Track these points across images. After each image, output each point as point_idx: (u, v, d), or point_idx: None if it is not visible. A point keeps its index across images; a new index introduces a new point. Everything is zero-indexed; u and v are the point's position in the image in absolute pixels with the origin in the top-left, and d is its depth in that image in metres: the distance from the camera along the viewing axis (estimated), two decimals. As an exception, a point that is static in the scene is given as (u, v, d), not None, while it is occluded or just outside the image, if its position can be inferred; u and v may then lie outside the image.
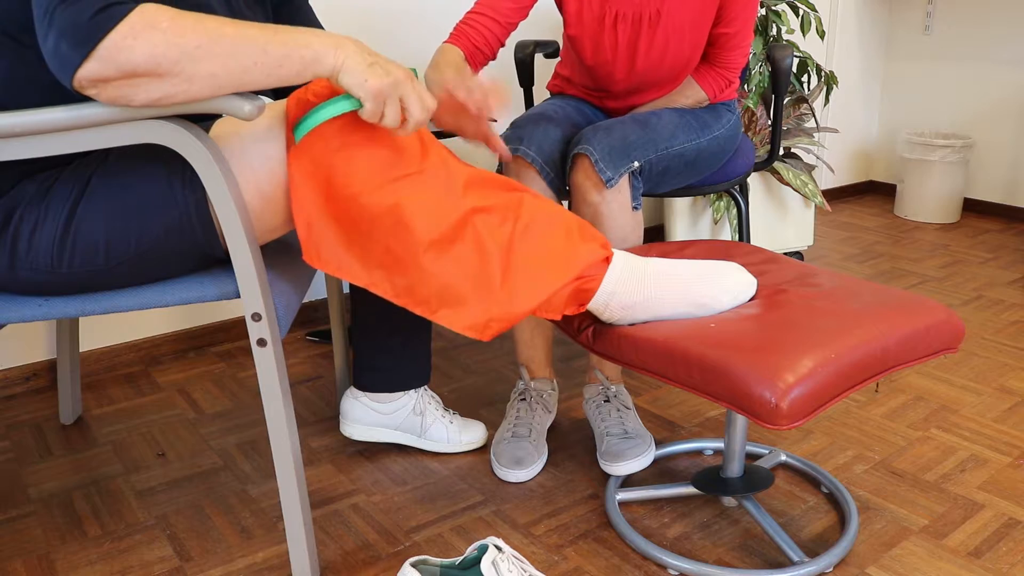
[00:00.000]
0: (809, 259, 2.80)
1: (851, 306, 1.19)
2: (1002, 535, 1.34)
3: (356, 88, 0.98)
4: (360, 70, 0.98)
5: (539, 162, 1.46)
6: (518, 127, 1.51)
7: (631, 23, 1.53)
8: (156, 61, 0.90)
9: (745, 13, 1.53)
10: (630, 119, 1.49)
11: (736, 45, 1.57)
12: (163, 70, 0.91)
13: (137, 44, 0.89)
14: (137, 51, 0.89)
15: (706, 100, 1.63)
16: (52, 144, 1.00)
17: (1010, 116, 3.23)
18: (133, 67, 0.90)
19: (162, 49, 0.90)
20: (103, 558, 1.30)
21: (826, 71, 2.67)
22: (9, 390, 1.86)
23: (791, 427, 1.02)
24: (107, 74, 0.90)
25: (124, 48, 0.89)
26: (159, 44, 0.90)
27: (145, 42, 0.89)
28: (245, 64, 0.94)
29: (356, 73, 0.98)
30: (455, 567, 1.10)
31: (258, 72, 0.95)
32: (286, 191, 1.08)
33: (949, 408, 1.77)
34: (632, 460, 1.46)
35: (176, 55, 0.91)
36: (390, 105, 1.00)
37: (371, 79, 0.98)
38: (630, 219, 1.43)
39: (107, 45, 0.88)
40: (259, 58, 0.94)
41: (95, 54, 0.88)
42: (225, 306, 2.14)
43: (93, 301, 1.11)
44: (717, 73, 1.61)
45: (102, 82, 0.91)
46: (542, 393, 1.60)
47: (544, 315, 1.19)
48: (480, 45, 1.52)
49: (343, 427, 1.57)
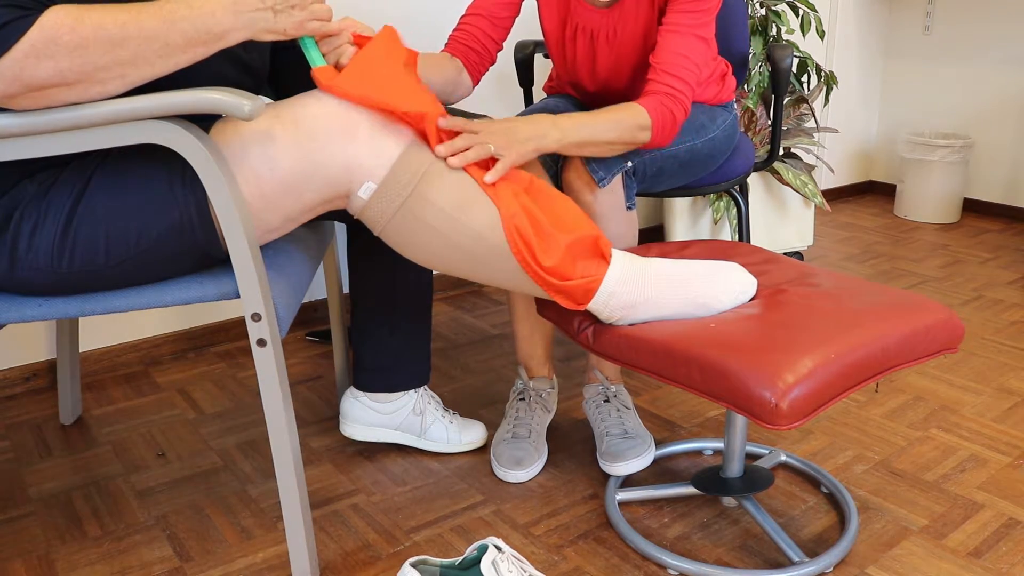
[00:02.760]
0: (809, 259, 2.80)
1: (851, 306, 1.19)
2: (1002, 535, 1.34)
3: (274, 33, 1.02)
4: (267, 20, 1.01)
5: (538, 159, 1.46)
6: None
7: (589, 37, 1.54)
8: (62, 75, 0.91)
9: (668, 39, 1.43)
10: None
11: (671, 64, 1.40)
12: (71, 80, 0.92)
13: (40, 62, 0.89)
14: (40, 68, 0.89)
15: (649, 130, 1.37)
16: (52, 144, 1.00)
17: (1010, 116, 3.23)
18: (39, 83, 0.91)
19: (66, 63, 0.90)
20: (103, 558, 1.30)
21: (826, 71, 2.67)
22: (9, 390, 1.86)
23: (791, 427, 1.02)
24: (12, 91, 0.90)
25: (27, 67, 0.89)
26: (63, 59, 0.90)
27: (47, 59, 0.89)
28: (151, 58, 0.95)
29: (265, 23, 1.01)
30: (455, 567, 1.10)
31: (165, 62, 0.96)
32: (286, 191, 1.08)
33: (949, 408, 1.77)
34: (632, 460, 1.46)
35: (80, 65, 0.91)
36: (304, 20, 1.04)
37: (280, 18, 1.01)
38: (624, 219, 1.43)
39: (8, 64, 0.88)
40: (162, 49, 0.95)
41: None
42: (225, 306, 2.14)
43: (93, 301, 1.11)
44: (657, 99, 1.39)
45: (9, 98, 0.91)
46: (541, 392, 1.60)
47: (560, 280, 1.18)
48: (475, 47, 1.52)
49: (343, 427, 1.57)
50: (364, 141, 1.09)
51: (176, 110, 0.98)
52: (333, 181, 1.09)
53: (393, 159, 1.10)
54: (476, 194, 1.14)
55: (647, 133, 1.36)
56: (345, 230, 2.21)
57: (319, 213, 1.15)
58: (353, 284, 1.51)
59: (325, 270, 1.73)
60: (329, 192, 1.10)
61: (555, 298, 1.21)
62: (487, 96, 2.46)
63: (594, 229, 1.20)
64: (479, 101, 2.45)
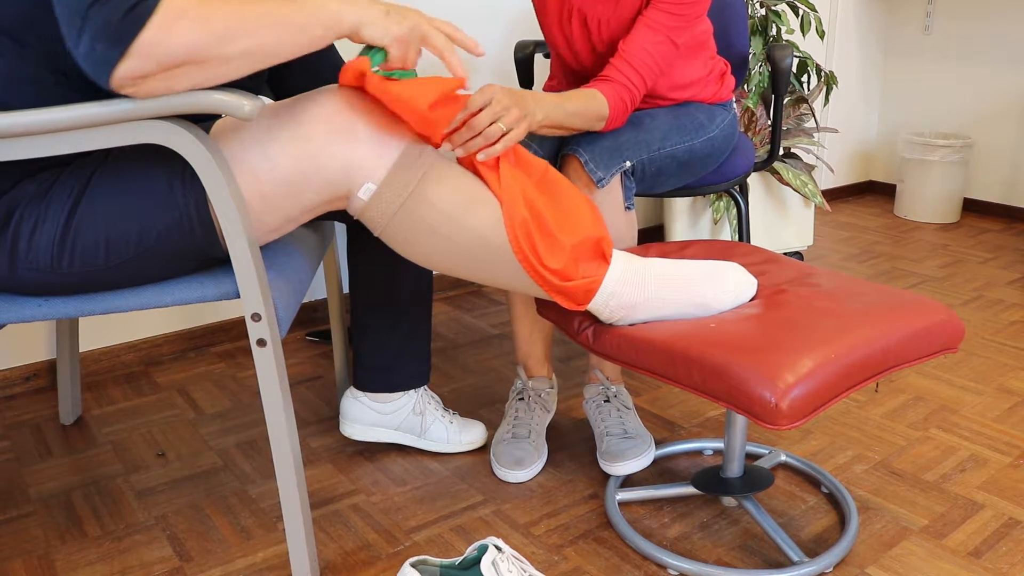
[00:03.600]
0: (809, 259, 2.80)
1: (851, 306, 1.19)
2: (1002, 535, 1.34)
3: (381, 38, 1.03)
4: (380, 22, 1.03)
5: (541, 153, 1.47)
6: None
7: (583, 22, 1.55)
8: (192, 50, 0.92)
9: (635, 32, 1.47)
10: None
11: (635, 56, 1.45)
12: (200, 57, 0.93)
13: (172, 36, 0.91)
14: (173, 43, 0.91)
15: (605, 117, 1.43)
16: (52, 144, 1.00)
17: (1010, 116, 3.23)
18: (171, 59, 0.92)
19: (195, 37, 0.92)
20: (103, 558, 1.30)
21: (826, 71, 2.67)
22: (9, 390, 1.86)
23: (791, 427, 1.02)
24: (147, 70, 0.91)
25: (160, 42, 0.90)
26: (191, 32, 0.91)
27: (178, 33, 0.91)
28: (274, 37, 0.97)
29: (377, 25, 1.03)
30: (455, 567, 1.10)
31: (286, 43, 0.98)
32: (286, 191, 1.08)
33: (949, 408, 1.77)
34: (632, 460, 1.46)
35: (209, 40, 0.93)
36: (412, 48, 1.06)
37: (392, 27, 1.04)
38: (623, 219, 1.43)
39: (143, 41, 0.90)
40: (284, 28, 0.97)
41: (131, 51, 0.89)
42: (225, 306, 2.14)
43: (93, 301, 1.11)
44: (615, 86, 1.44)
45: (141, 78, 0.92)
46: (540, 392, 1.60)
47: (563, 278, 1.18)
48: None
49: (343, 427, 1.57)
50: (364, 142, 1.09)
51: (176, 110, 0.98)
52: (333, 182, 1.09)
53: (393, 160, 1.10)
54: (477, 195, 1.14)
55: (603, 123, 1.44)
56: (345, 230, 2.21)
57: (319, 213, 1.15)
58: (353, 284, 1.51)
59: (325, 270, 1.73)
60: (329, 193, 1.10)
61: (555, 299, 1.21)
62: (487, 96, 2.46)
63: (598, 229, 1.20)
64: (479, 101, 2.45)
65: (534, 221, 1.15)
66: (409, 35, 1.05)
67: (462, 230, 1.14)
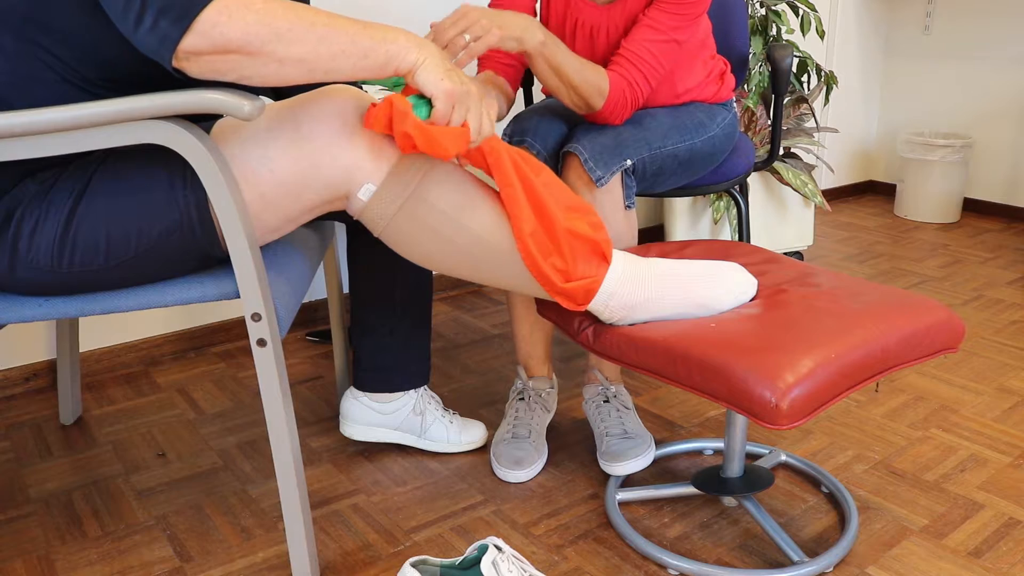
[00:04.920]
0: (809, 259, 2.80)
1: (851, 306, 1.19)
2: (1002, 535, 1.34)
3: (431, 85, 1.03)
4: (438, 71, 1.03)
5: (544, 155, 1.46)
6: (522, 120, 1.51)
7: (588, 34, 1.55)
8: (248, 39, 0.93)
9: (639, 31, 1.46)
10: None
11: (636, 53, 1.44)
12: (254, 48, 0.93)
13: (232, 21, 0.92)
14: (231, 27, 0.92)
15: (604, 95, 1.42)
16: (52, 144, 1.00)
17: (1010, 116, 3.23)
18: (226, 43, 0.92)
19: (255, 28, 0.93)
20: (103, 558, 1.30)
21: (826, 71, 2.67)
22: (9, 390, 1.86)
23: (791, 427, 1.02)
24: (202, 47, 0.92)
25: (219, 23, 0.91)
26: (252, 23, 0.92)
27: (239, 19, 0.92)
28: (334, 51, 0.97)
29: (434, 72, 1.03)
30: (455, 567, 1.10)
31: (344, 61, 0.98)
32: (286, 192, 1.08)
33: (949, 408, 1.77)
34: (632, 460, 1.46)
35: (267, 35, 0.93)
36: (458, 111, 1.05)
37: (446, 80, 1.03)
38: (623, 218, 1.43)
39: (204, 19, 0.91)
40: (347, 47, 0.98)
41: (193, 27, 0.91)
42: (225, 306, 2.14)
43: (93, 301, 1.11)
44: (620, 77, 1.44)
45: (196, 55, 0.93)
46: (540, 392, 1.60)
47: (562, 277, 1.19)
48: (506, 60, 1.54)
49: (343, 427, 1.57)
50: (364, 143, 1.09)
51: (176, 110, 0.98)
52: (333, 182, 1.09)
53: (392, 161, 1.10)
54: (476, 196, 1.14)
55: (602, 100, 1.43)
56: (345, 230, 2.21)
57: (319, 214, 1.15)
58: (353, 284, 1.51)
59: (325, 270, 1.73)
60: (329, 193, 1.10)
61: (556, 298, 1.21)
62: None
63: (597, 230, 1.20)
64: (479, 101, 2.45)
65: (540, 221, 1.16)
66: (460, 96, 1.05)
67: (462, 230, 1.14)
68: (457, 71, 1.05)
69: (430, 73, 1.03)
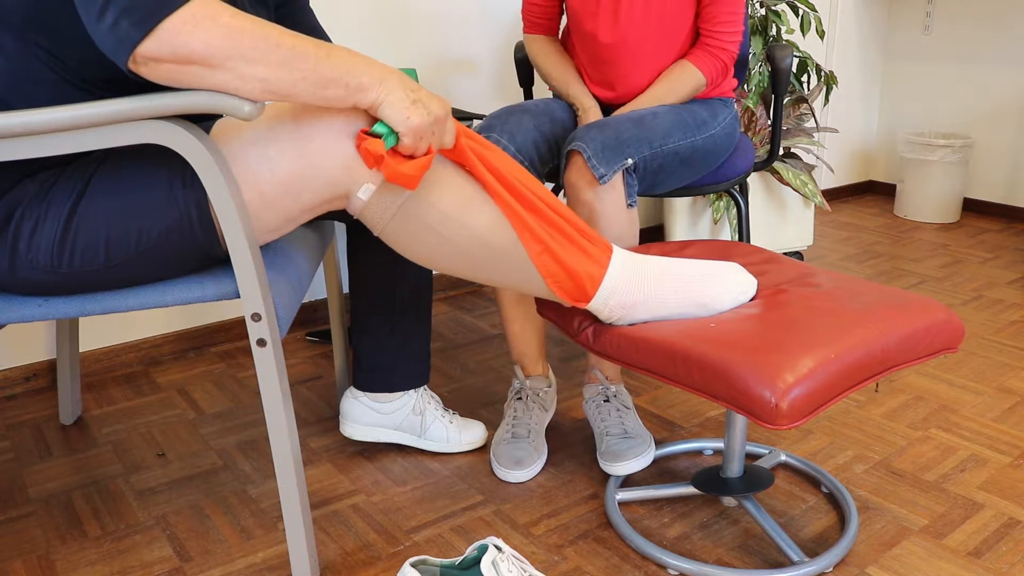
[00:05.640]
0: (809, 259, 2.80)
1: (851, 306, 1.19)
2: (1002, 535, 1.34)
3: (398, 124, 1.03)
4: (403, 107, 1.02)
5: (511, 149, 1.47)
6: (493, 118, 1.54)
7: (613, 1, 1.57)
8: (210, 52, 0.92)
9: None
10: (625, 117, 1.50)
11: (722, 21, 1.59)
12: (216, 62, 0.93)
13: (196, 31, 0.91)
14: (195, 38, 0.91)
15: (704, 83, 1.62)
16: (52, 144, 1.00)
17: (1010, 116, 3.23)
18: (188, 53, 0.92)
19: (218, 42, 0.92)
20: (103, 558, 1.30)
21: (826, 71, 2.67)
22: (9, 390, 1.86)
23: (791, 427, 1.02)
24: (162, 55, 0.91)
25: (182, 32, 0.90)
26: (216, 36, 0.92)
27: (203, 31, 0.91)
28: (294, 76, 0.96)
29: (399, 109, 1.02)
30: (455, 567, 1.10)
31: (304, 87, 0.98)
32: (285, 191, 1.08)
33: (949, 408, 1.77)
34: (632, 460, 1.46)
35: (230, 50, 0.93)
36: (425, 141, 1.05)
37: (413, 117, 1.03)
38: (625, 217, 1.43)
39: (167, 26, 0.90)
40: (308, 75, 0.97)
41: (155, 33, 0.90)
42: (225, 306, 2.14)
43: (93, 301, 1.11)
44: (710, 54, 1.61)
45: (155, 61, 0.92)
46: (538, 391, 1.60)
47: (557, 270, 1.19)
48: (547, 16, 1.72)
49: (343, 427, 1.57)
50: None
51: (176, 110, 0.98)
52: (332, 182, 1.09)
53: (393, 159, 1.10)
54: (475, 195, 1.14)
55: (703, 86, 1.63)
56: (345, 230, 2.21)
57: (319, 213, 1.15)
58: (353, 284, 1.51)
59: (325, 270, 1.73)
60: (328, 193, 1.10)
61: (557, 292, 1.21)
62: (487, 96, 2.46)
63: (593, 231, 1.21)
64: (479, 101, 2.45)
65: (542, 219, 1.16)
66: (429, 128, 1.04)
67: (461, 230, 1.14)
68: (422, 97, 1.04)
69: (394, 111, 1.02)
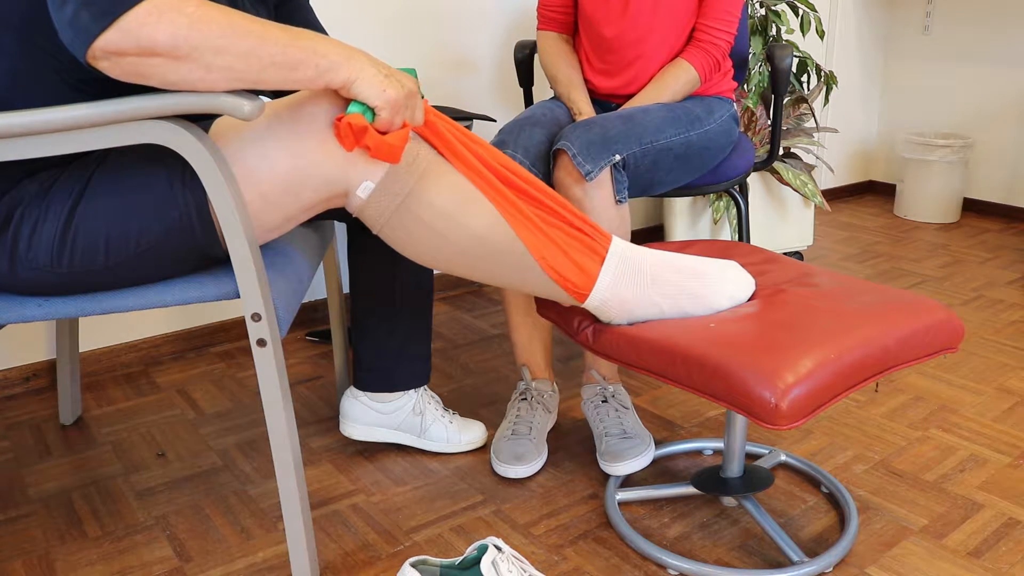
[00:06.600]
0: (809, 259, 2.80)
1: (851, 306, 1.19)
2: (1002, 535, 1.34)
3: (374, 98, 1.02)
4: (377, 81, 1.02)
5: (526, 163, 1.47)
6: (505, 132, 1.54)
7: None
8: (175, 43, 0.91)
9: None
10: (615, 115, 1.50)
11: (718, 17, 1.61)
12: (181, 53, 0.92)
13: (160, 22, 0.89)
14: (159, 29, 0.89)
15: (697, 79, 1.63)
16: (52, 144, 1.00)
17: (1010, 116, 3.23)
18: (152, 44, 0.90)
19: (184, 32, 0.90)
20: (103, 558, 1.30)
21: (826, 71, 2.67)
22: (9, 390, 1.86)
23: (791, 427, 1.02)
24: (125, 47, 0.90)
25: (147, 24, 0.89)
26: (182, 27, 0.90)
27: (168, 22, 0.90)
28: (264, 63, 0.95)
29: (374, 84, 1.02)
30: (455, 567, 1.10)
31: (274, 72, 0.97)
32: (285, 190, 1.08)
33: (949, 408, 1.77)
34: (631, 460, 1.46)
35: (197, 41, 0.91)
36: (401, 114, 1.05)
37: (389, 90, 1.02)
38: (614, 213, 1.44)
39: (130, 17, 0.88)
40: (277, 59, 0.96)
41: (116, 25, 0.88)
42: (225, 306, 2.14)
43: (93, 301, 1.11)
44: (702, 50, 1.63)
45: (117, 55, 0.91)
46: (543, 394, 1.60)
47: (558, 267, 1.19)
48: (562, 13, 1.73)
49: (343, 427, 1.57)
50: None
51: (176, 110, 0.98)
52: (332, 180, 1.09)
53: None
54: (474, 194, 1.14)
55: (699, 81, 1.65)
56: (345, 230, 2.21)
57: (318, 212, 1.15)
58: (353, 284, 1.51)
59: (325, 270, 1.73)
60: (328, 191, 1.10)
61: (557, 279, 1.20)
62: (487, 96, 2.46)
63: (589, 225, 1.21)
64: (479, 101, 2.45)
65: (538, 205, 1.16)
66: (404, 101, 1.04)
67: (460, 228, 1.14)
68: (392, 72, 1.04)
69: (369, 86, 1.01)
